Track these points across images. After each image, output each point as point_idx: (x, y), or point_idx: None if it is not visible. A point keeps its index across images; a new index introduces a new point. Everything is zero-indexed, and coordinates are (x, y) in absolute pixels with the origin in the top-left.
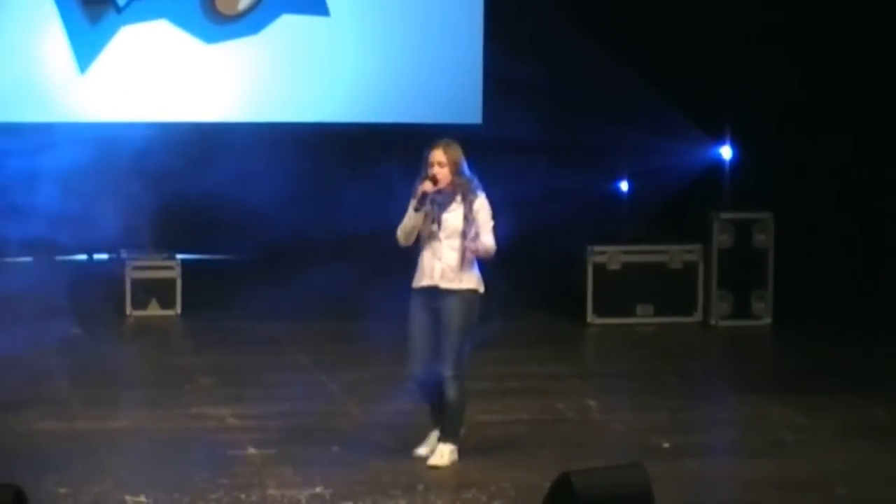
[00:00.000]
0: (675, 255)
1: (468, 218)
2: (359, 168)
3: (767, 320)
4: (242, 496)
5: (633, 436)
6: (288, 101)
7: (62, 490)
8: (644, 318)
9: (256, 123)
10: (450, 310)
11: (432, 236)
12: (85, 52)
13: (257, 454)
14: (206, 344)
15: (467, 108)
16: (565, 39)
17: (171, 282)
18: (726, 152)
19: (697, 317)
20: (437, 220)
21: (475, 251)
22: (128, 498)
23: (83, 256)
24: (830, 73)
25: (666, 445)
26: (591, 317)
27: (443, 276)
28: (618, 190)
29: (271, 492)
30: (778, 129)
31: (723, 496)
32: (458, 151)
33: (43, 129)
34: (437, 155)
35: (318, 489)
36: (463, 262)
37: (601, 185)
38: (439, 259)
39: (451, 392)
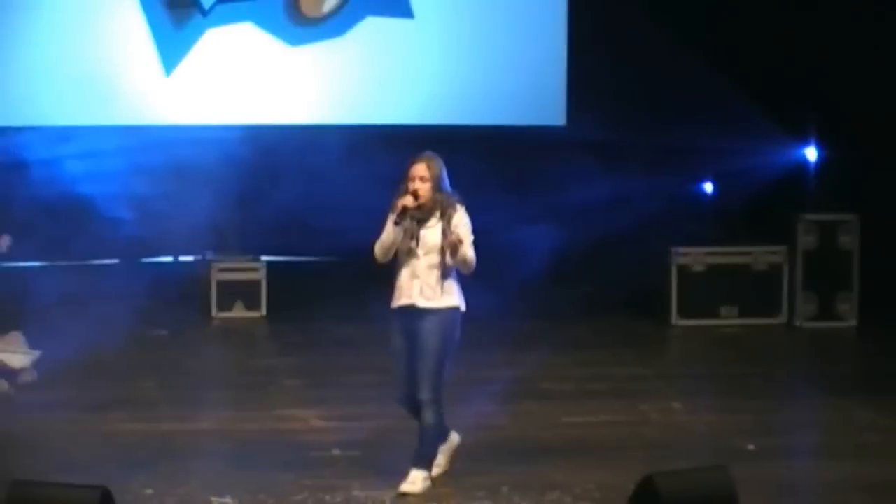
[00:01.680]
0: (759, 256)
1: (447, 234)
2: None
3: (852, 322)
4: (327, 497)
5: (717, 438)
6: (372, 103)
7: (148, 491)
8: (728, 319)
9: (341, 125)
10: (427, 330)
11: (410, 253)
12: (170, 55)
13: (342, 455)
14: (291, 345)
15: (551, 109)
16: (649, 40)
17: (257, 284)
18: (811, 153)
19: (782, 318)
20: (416, 237)
21: (454, 257)
22: (213, 499)
23: (169, 258)
24: None
25: (750, 447)
26: (675, 318)
27: (421, 293)
28: (702, 191)
29: (356, 493)
30: (863, 129)
31: (807, 498)
32: (440, 166)
33: (128, 132)
34: (420, 169)
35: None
36: (443, 279)
37: (685, 187)
38: (417, 277)
39: (427, 415)
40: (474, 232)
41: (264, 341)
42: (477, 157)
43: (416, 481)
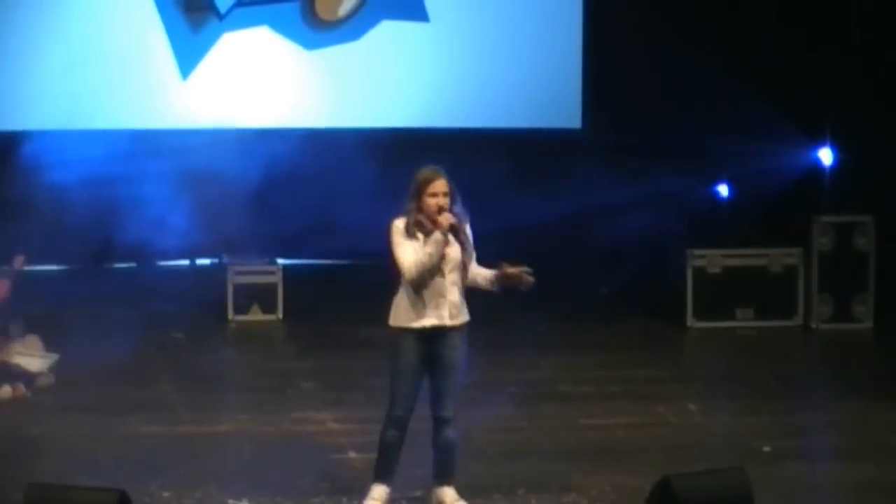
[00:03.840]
0: (775, 258)
1: (466, 249)
2: (459, 173)
3: (869, 324)
4: (344, 500)
5: (733, 439)
6: (388, 107)
7: (166, 494)
8: (744, 321)
9: (356, 129)
10: (453, 347)
11: (435, 272)
12: (187, 58)
13: (358, 458)
14: (308, 348)
15: (567, 112)
16: (665, 43)
17: (273, 287)
18: (827, 155)
19: (798, 320)
20: (443, 255)
21: (503, 284)
22: (230, 501)
23: (185, 262)
24: None
25: (767, 449)
26: (690, 320)
27: (449, 314)
28: (718, 193)
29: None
30: (879, 131)
31: (824, 500)
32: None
33: (145, 136)
34: (443, 185)
35: (418, 493)
36: (462, 296)
37: (701, 189)
38: (443, 296)
39: (452, 433)
40: (491, 234)
41: (281, 344)
42: (493, 161)
43: (457, 497)
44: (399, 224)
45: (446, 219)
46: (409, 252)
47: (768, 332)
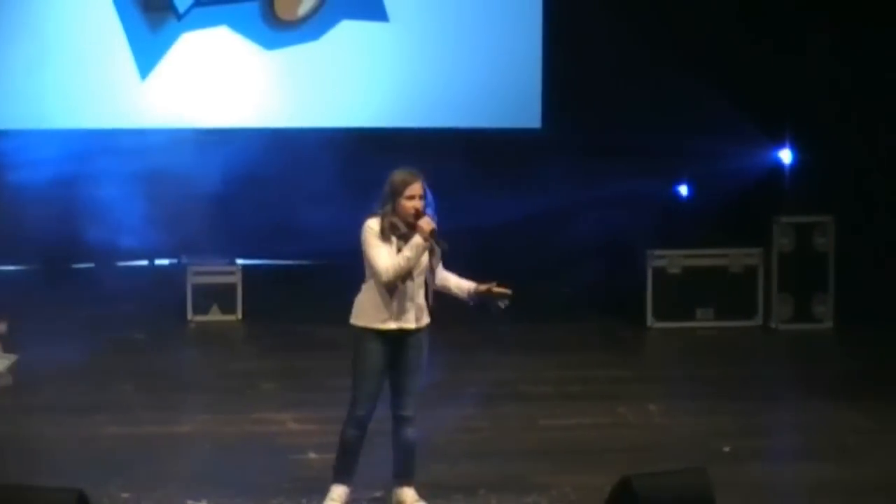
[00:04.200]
0: (735, 258)
1: (435, 253)
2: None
3: (829, 324)
4: (304, 500)
5: (694, 440)
6: (347, 107)
7: (125, 494)
8: (704, 321)
9: (316, 129)
10: (415, 349)
11: (405, 275)
12: (145, 58)
13: (318, 458)
14: (268, 349)
15: (527, 112)
16: (624, 43)
17: (232, 287)
18: (786, 156)
19: (758, 320)
20: None
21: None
22: (189, 502)
23: (144, 262)
24: (893, 75)
25: (727, 449)
26: (651, 320)
27: (415, 317)
28: (678, 193)
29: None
30: (838, 131)
31: (785, 500)
32: None
33: (103, 136)
34: (419, 188)
35: (378, 494)
36: (428, 299)
37: (661, 189)
38: (411, 300)
39: (412, 432)
40: (451, 234)
41: (241, 344)
42: (453, 160)
43: (417, 497)
44: (374, 225)
45: (427, 223)
46: (384, 254)
47: (729, 333)
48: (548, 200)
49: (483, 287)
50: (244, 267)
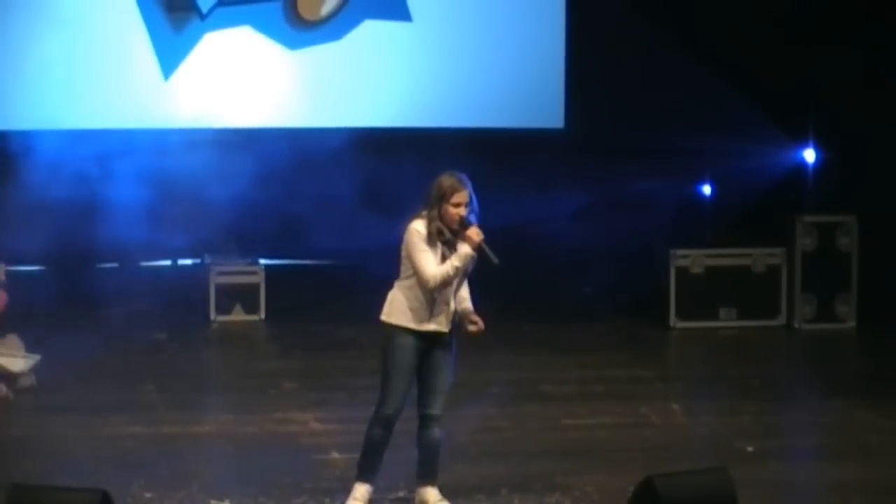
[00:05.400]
0: (758, 258)
1: (474, 258)
2: (442, 173)
3: (851, 323)
4: (326, 500)
5: (716, 439)
6: (370, 107)
7: (148, 494)
8: (727, 321)
9: (339, 129)
10: (449, 349)
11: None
12: (168, 58)
13: (341, 458)
14: (290, 348)
15: (550, 112)
16: (647, 42)
17: (255, 287)
18: (809, 155)
19: (781, 320)
20: None
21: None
22: (212, 502)
23: (168, 262)
24: None
25: (750, 449)
26: (673, 320)
27: (448, 320)
28: (701, 193)
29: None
30: (861, 131)
31: (807, 500)
32: None
33: (127, 136)
34: (465, 196)
35: (400, 493)
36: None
37: (684, 189)
38: (447, 304)
39: (438, 432)
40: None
41: (263, 344)
42: (476, 161)
43: (440, 498)
44: (420, 229)
45: (477, 234)
46: (431, 261)
47: (751, 332)
48: (570, 200)
49: (466, 323)
50: (267, 267)
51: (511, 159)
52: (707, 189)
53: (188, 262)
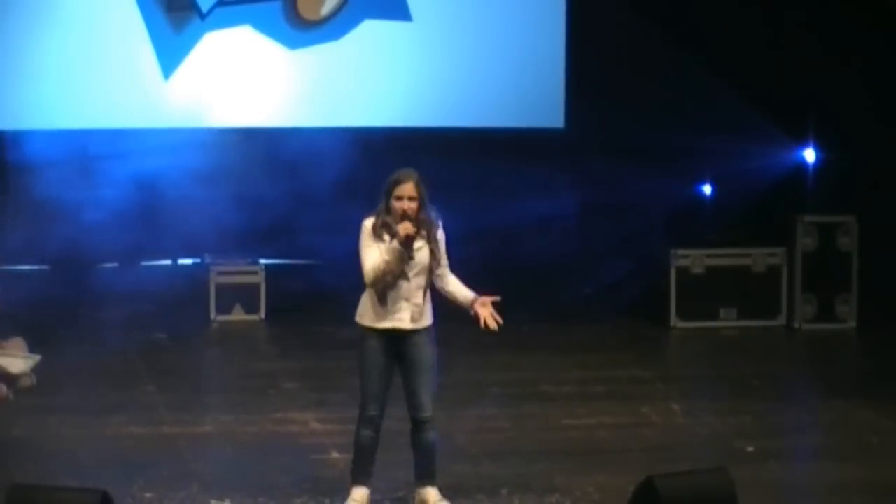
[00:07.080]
0: (758, 258)
1: (435, 254)
2: (442, 172)
3: (852, 323)
4: (326, 501)
5: (717, 440)
6: (370, 107)
7: (148, 494)
8: (727, 321)
9: (339, 128)
10: (419, 348)
11: (399, 276)
12: (168, 58)
13: (341, 458)
14: (290, 349)
15: (550, 112)
16: (647, 42)
17: (256, 287)
18: (810, 155)
19: (781, 320)
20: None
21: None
22: (213, 502)
23: (168, 262)
24: None
25: (750, 449)
26: (674, 320)
27: (412, 318)
28: (701, 193)
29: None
30: (862, 131)
31: (807, 500)
32: (422, 183)
33: (127, 135)
34: (409, 189)
35: (400, 494)
36: (426, 299)
37: (684, 189)
38: (407, 300)
39: (431, 433)
40: (472, 235)
41: (263, 344)
42: (476, 160)
43: (441, 498)
44: (367, 224)
45: (405, 228)
46: (373, 255)
47: (751, 332)
48: (570, 200)
49: (478, 305)
50: (267, 266)
51: (511, 159)
52: (707, 189)
53: (188, 261)
